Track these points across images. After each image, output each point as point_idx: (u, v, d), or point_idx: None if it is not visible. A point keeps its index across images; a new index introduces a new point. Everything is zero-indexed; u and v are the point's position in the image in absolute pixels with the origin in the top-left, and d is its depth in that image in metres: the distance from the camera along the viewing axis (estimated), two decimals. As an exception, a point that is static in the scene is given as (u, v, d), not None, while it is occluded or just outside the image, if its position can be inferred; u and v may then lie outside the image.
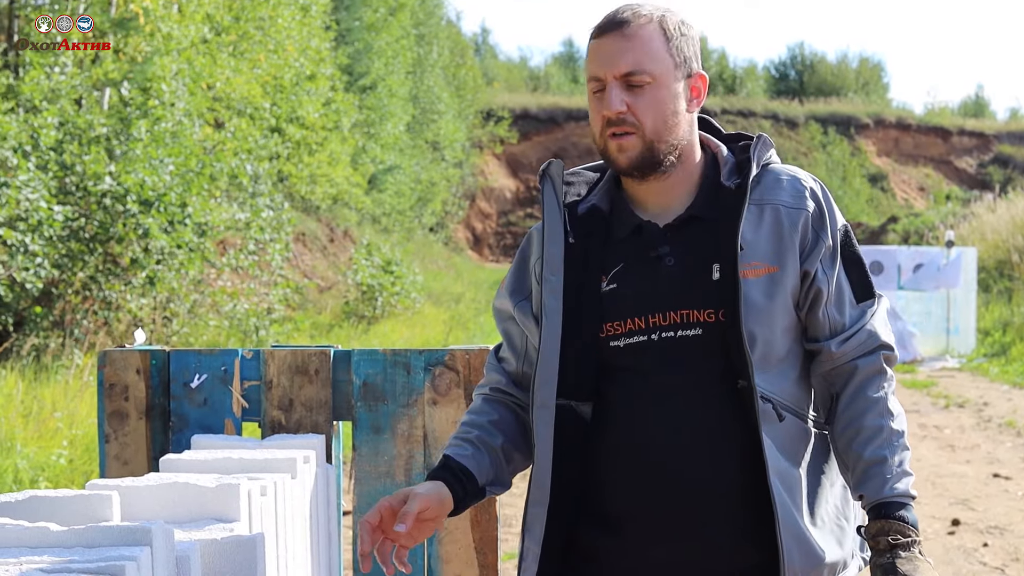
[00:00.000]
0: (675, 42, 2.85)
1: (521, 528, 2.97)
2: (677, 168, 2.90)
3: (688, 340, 2.83)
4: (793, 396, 2.85)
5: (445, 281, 34.82)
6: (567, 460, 2.89)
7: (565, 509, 2.90)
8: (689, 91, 2.88)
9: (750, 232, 2.83)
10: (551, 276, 2.90)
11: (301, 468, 3.16)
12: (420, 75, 42.63)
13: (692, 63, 2.88)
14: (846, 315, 2.87)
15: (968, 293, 22.73)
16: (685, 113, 2.87)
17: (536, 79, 69.44)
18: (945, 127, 60.75)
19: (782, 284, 2.83)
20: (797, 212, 2.86)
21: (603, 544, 2.90)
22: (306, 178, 27.32)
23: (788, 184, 2.90)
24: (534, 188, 54.42)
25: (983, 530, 9.15)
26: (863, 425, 2.82)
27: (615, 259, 2.91)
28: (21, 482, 8.16)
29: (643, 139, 2.84)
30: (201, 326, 16.13)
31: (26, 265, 12.71)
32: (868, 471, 2.79)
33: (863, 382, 2.85)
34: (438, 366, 3.51)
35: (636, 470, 2.85)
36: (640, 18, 2.85)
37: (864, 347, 2.86)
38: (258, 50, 23.17)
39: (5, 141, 13.01)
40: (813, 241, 2.86)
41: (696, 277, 2.84)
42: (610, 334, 2.88)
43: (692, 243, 2.87)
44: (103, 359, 3.55)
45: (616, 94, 2.83)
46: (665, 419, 2.82)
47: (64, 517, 2.43)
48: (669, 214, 2.91)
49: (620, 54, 2.83)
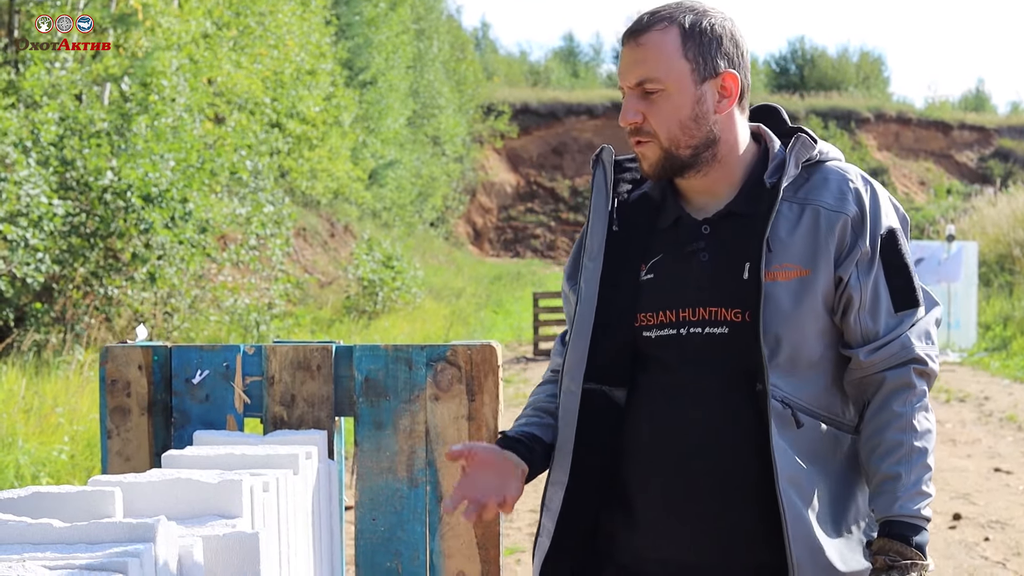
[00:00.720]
0: (694, 44, 2.82)
1: (540, 504, 3.01)
2: (715, 165, 2.88)
3: (714, 338, 2.82)
4: (823, 401, 2.82)
5: (446, 276, 34.83)
6: (591, 443, 2.91)
7: (585, 490, 2.92)
8: (717, 91, 2.84)
9: (785, 232, 2.80)
10: (589, 263, 2.93)
11: (303, 464, 3.15)
12: (420, 70, 42.61)
13: (718, 63, 2.83)
14: (881, 323, 2.82)
15: (969, 287, 22.74)
16: (712, 115, 2.84)
17: (536, 74, 69.42)
18: (946, 121, 60.71)
19: (813, 288, 2.79)
20: (836, 215, 2.81)
21: (620, 530, 2.93)
22: (306, 173, 27.31)
23: (834, 184, 2.86)
24: (534, 183, 54.46)
25: (984, 524, 9.16)
26: (883, 439, 2.77)
27: (656, 249, 2.92)
28: (23, 478, 8.16)
29: (660, 146, 2.83)
30: (202, 321, 16.13)
31: (27, 260, 12.71)
32: (881, 486, 2.76)
33: (889, 394, 2.80)
34: (440, 362, 3.50)
35: (653, 461, 2.86)
36: (658, 23, 2.82)
37: (895, 359, 2.80)
38: (258, 45, 23.16)
39: (6, 136, 13.01)
40: (850, 246, 2.81)
41: (727, 275, 2.83)
42: (643, 324, 2.89)
43: (727, 240, 2.86)
44: (105, 355, 3.55)
45: (631, 104, 2.83)
46: (684, 415, 2.83)
47: (67, 513, 2.42)
48: (709, 209, 2.91)
49: (633, 64, 2.83)
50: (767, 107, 3.07)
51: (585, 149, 55.88)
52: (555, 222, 54.35)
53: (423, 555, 3.52)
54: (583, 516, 2.94)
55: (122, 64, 16.27)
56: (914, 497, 2.73)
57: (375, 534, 3.52)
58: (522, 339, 24.39)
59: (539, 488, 8.92)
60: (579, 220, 54.15)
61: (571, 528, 2.93)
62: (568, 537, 2.93)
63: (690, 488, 2.82)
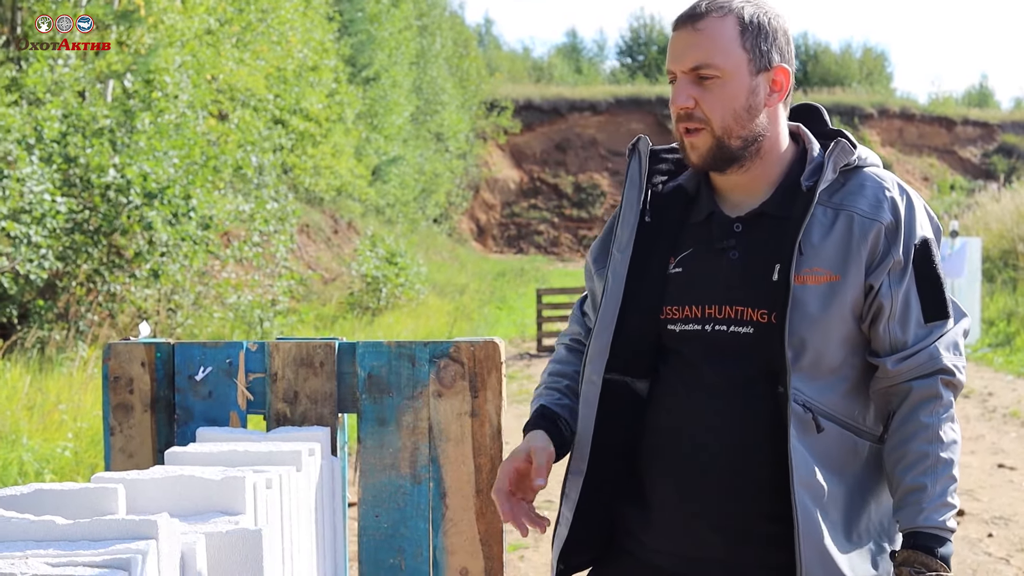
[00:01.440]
0: (751, 35, 2.81)
1: (560, 493, 3.02)
2: (756, 162, 2.87)
3: (739, 337, 2.82)
4: (843, 408, 2.81)
5: (449, 272, 34.83)
6: (612, 433, 2.92)
7: (603, 480, 2.94)
8: (769, 84, 2.83)
9: (818, 237, 2.79)
10: (618, 253, 2.94)
11: (306, 461, 3.15)
12: (423, 66, 42.61)
13: (772, 56, 2.83)
14: (910, 333, 2.81)
15: (972, 283, 22.70)
16: (762, 107, 2.83)
17: (539, 70, 69.37)
18: (949, 117, 60.66)
19: (841, 294, 2.78)
20: (871, 223, 2.80)
21: (635, 520, 2.95)
22: (310, 169, 27.31)
23: (870, 191, 2.84)
24: (538, 179, 54.44)
25: (987, 520, 9.15)
26: (909, 450, 2.77)
27: (686, 243, 2.92)
28: (26, 475, 8.17)
29: (712, 134, 2.82)
30: (205, 318, 16.14)
31: (30, 257, 12.72)
32: (906, 497, 2.76)
33: (916, 405, 2.79)
34: (443, 358, 3.50)
35: (669, 455, 2.87)
36: (717, 11, 2.82)
37: (922, 369, 2.80)
38: (261, 41, 23.16)
39: (9, 134, 13.01)
40: (883, 255, 2.80)
41: (756, 275, 2.82)
42: (668, 317, 2.89)
43: (759, 240, 2.85)
44: (108, 352, 3.55)
45: (684, 88, 2.82)
46: (703, 411, 2.83)
47: (70, 510, 2.43)
48: (743, 207, 2.90)
49: (689, 48, 2.81)
50: (808, 107, 3.06)
51: (588, 145, 55.89)
52: (558, 218, 54.34)
53: (426, 551, 3.52)
54: (601, 506, 2.96)
55: (125, 61, 16.28)
56: (939, 509, 2.73)
57: (378, 531, 3.52)
58: (526, 335, 24.36)
59: (542, 484, 8.83)
60: (582, 216, 54.16)
61: (589, 518, 2.95)
62: (586, 527, 2.96)
63: (704, 483, 2.83)
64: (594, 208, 54.40)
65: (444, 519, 3.50)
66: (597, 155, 55.82)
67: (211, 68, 19.43)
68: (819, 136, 2.98)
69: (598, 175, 55.38)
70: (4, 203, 12.38)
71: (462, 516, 3.50)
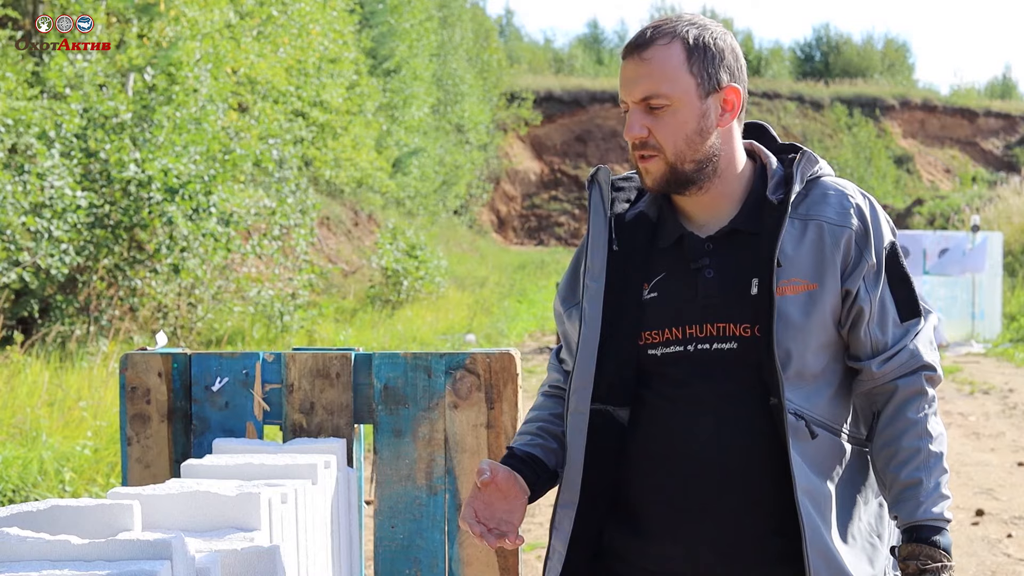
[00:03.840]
0: (698, 59, 2.83)
1: (549, 527, 3.02)
2: (715, 181, 2.90)
3: (723, 353, 2.84)
4: (828, 412, 2.84)
5: (469, 264, 34.83)
6: (599, 464, 2.93)
7: (594, 511, 2.94)
8: (720, 105, 2.86)
9: (791, 248, 2.83)
10: (591, 283, 2.94)
11: (322, 474, 3.17)
12: (444, 58, 42.59)
13: (720, 77, 2.85)
14: (889, 334, 2.86)
15: (994, 278, 22.66)
16: (714, 128, 2.86)
17: (560, 61, 69.30)
18: (971, 108, 60.41)
19: (820, 302, 2.82)
20: (840, 229, 2.85)
21: (629, 545, 2.94)
22: (330, 162, 27.33)
23: (835, 200, 2.89)
24: (558, 171, 54.42)
25: (1007, 520, 9.12)
26: (900, 446, 2.82)
27: (658, 268, 2.94)
28: (46, 473, 8.19)
29: (666, 161, 2.85)
30: (226, 312, 16.17)
31: (51, 252, 12.76)
32: (903, 493, 2.81)
33: (903, 402, 2.85)
34: (459, 370, 3.51)
35: (665, 480, 2.88)
36: (662, 37, 2.84)
37: (906, 367, 2.85)
38: (281, 33, 23.17)
39: (29, 128, 13.05)
40: (856, 259, 2.85)
41: (734, 291, 2.85)
42: (648, 342, 2.90)
43: (733, 256, 2.88)
44: (125, 362, 3.57)
45: (637, 119, 2.85)
46: (695, 429, 2.84)
47: (86, 527, 2.44)
48: (712, 226, 2.92)
49: (637, 79, 2.84)
50: (756, 124, 3.09)
51: (609, 136, 55.82)
52: (579, 210, 54.32)
53: (442, 563, 3.53)
54: (593, 536, 2.96)
55: (146, 54, 16.30)
56: (936, 501, 2.79)
57: (394, 541, 3.53)
58: (545, 329, 24.35)
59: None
60: (603, 208, 54.01)
61: (582, 549, 2.95)
62: (580, 559, 2.95)
63: (703, 502, 2.84)
64: (615, 200, 54.31)
65: (460, 530, 3.52)
66: (618, 146, 55.75)
67: (231, 61, 19.44)
68: (774, 151, 3.02)
69: (619, 167, 55.32)
70: (25, 198, 12.42)
71: (478, 528, 3.50)
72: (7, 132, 12.82)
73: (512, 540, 2.87)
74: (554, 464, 3.01)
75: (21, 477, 8.04)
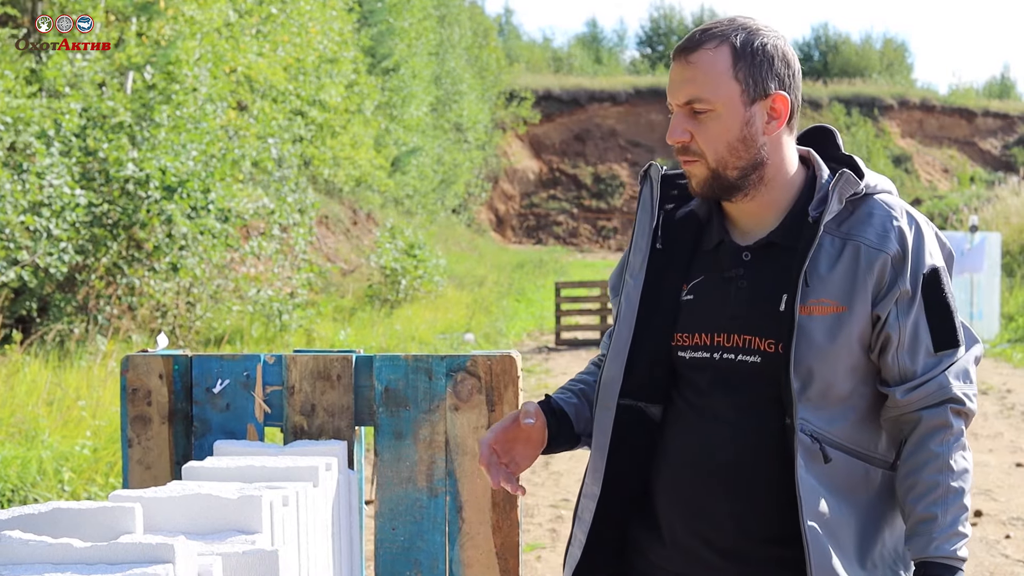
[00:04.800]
0: (744, 65, 2.79)
1: (573, 515, 3.05)
2: (761, 189, 2.86)
3: (746, 366, 2.83)
4: (851, 436, 2.81)
5: (468, 263, 34.83)
6: (625, 458, 2.94)
7: (616, 503, 2.96)
8: (767, 113, 2.82)
9: (825, 267, 2.79)
10: (631, 279, 2.95)
11: (323, 476, 3.17)
12: (443, 56, 42.60)
13: (768, 84, 2.81)
14: (919, 363, 2.80)
15: (992, 278, 22.64)
16: (760, 136, 2.82)
17: (559, 60, 69.31)
18: (969, 108, 60.45)
19: (848, 325, 2.78)
20: (877, 253, 2.78)
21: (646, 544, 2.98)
22: (329, 161, 27.33)
23: (878, 221, 2.82)
24: (557, 170, 54.41)
25: (1005, 521, 9.12)
26: (919, 479, 2.77)
27: (698, 270, 2.93)
28: (45, 473, 8.19)
29: (707, 167, 2.82)
30: (224, 311, 16.17)
31: (50, 251, 12.76)
32: (917, 527, 2.77)
33: (925, 434, 2.79)
34: (460, 372, 3.51)
35: (678, 481, 2.90)
36: (710, 41, 2.80)
37: (932, 398, 2.79)
38: (280, 32, 23.16)
39: (28, 127, 13.04)
40: (889, 284, 2.79)
41: (764, 304, 2.83)
42: (679, 344, 2.91)
43: (766, 269, 2.85)
44: (126, 364, 3.57)
45: (679, 122, 2.82)
46: (711, 439, 2.85)
47: (87, 530, 2.44)
48: (752, 235, 2.90)
49: (682, 82, 2.81)
50: (823, 129, 3.03)
51: (608, 136, 55.84)
52: (578, 209, 54.34)
53: (442, 565, 3.53)
54: (614, 528, 2.99)
55: (144, 53, 16.29)
56: (951, 538, 2.74)
57: (395, 543, 3.53)
58: (544, 328, 24.37)
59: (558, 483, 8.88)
60: (601, 207, 54.14)
61: (602, 540, 2.98)
62: (599, 549, 2.98)
63: (712, 509, 2.85)
64: (613, 199, 54.40)
65: (460, 532, 3.52)
66: (616, 146, 55.78)
67: (230, 60, 19.43)
68: (831, 160, 2.97)
69: (617, 166, 55.34)
70: (24, 196, 12.41)
71: (478, 530, 3.51)
72: (6, 130, 12.83)
73: (515, 487, 2.93)
74: (579, 429, 3.04)
75: (20, 477, 8.03)
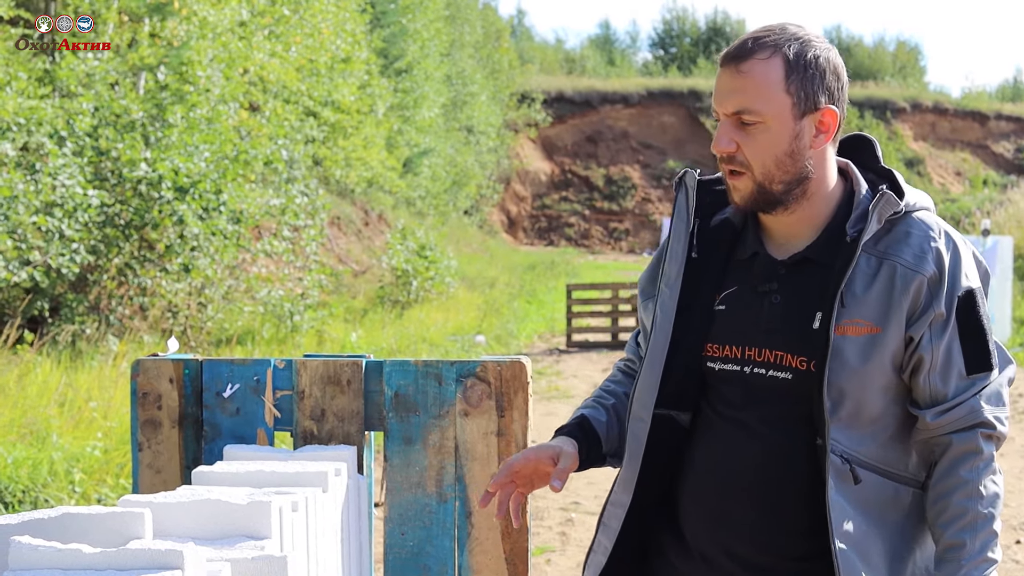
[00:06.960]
0: (797, 77, 2.74)
1: (598, 521, 3.03)
2: (803, 203, 2.82)
3: (777, 382, 2.81)
4: (882, 456, 2.78)
5: (479, 265, 34.81)
6: (657, 467, 2.93)
7: (644, 512, 2.96)
8: (815, 126, 2.77)
9: (861, 287, 2.74)
10: (667, 288, 2.92)
11: (332, 481, 3.16)
12: (454, 57, 42.60)
13: (819, 98, 2.75)
14: (951, 386, 2.76)
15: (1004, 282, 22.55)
16: (807, 150, 2.77)
17: (571, 61, 69.28)
18: (982, 111, 60.31)
19: (882, 346, 2.74)
20: (913, 275, 2.74)
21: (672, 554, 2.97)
22: (341, 162, 27.35)
23: (916, 241, 2.77)
24: (569, 171, 54.37)
25: (1016, 527, 9.08)
26: (948, 504, 2.75)
27: (731, 281, 2.90)
28: (56, 474, 8.20)
29: (753, 180, 2.77)
30: (236, 312, 16.18)
31: (62, 251, 12.78)
32: (946, 553, 2.75)
33: (956, 459, 2.76)
34: (470, 377, 3.51)
35: (705, 494, 2.89)
36: (762, 50, 2.74)
37: (962, 422, 2.76)
38: (293, 33, 23.19)
39: (41, 127, 13.07)
40: (924, 307, 2.74)
41: (797, 321, 2.79)
42: (710, 354, 2.89)
43: (801, 285, 2.82)
44: (136, 368, 3.57)
45: (726, 132, 2.77)
46: (739, 454, 2.84)
47: (97, 535, 2.44)
48: (787, 249, 2.86)
49: (732, 92, 2.76)
50: (860, 139, 2.99)
51: (620, 138, 55.78)
52: (589, 210, 54.29)
53: (451, 570, 3.53)
54: (640, 537, 2.98)
55: (157, 53, 16.32)
56: (979, 565, 2.72)
57: (404, 548, 3.53)
58: (555, 330, 24.32)
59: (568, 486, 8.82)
60: (613, 209, 54.10)
61: (627, 548, 2.97)
62: (623, 557, 2.98)
63: (737, 522, 2.84)
64: (625, 201, 54.35)
65: (470, 538, 3.52)
66: (629, 148, 55.72)
67: (243, 61, 19.44)
68: (869, 171, 2.93)
69: (629, 168, 55.29)
70: (36, 197, 12.43)
71: (488, 535, 3.51)
72: (19, 131, 12.84)
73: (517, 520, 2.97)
74: (606, 450, 3.05)
75: (31, 478, 8.05)
